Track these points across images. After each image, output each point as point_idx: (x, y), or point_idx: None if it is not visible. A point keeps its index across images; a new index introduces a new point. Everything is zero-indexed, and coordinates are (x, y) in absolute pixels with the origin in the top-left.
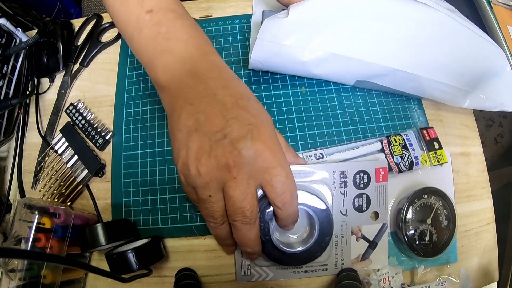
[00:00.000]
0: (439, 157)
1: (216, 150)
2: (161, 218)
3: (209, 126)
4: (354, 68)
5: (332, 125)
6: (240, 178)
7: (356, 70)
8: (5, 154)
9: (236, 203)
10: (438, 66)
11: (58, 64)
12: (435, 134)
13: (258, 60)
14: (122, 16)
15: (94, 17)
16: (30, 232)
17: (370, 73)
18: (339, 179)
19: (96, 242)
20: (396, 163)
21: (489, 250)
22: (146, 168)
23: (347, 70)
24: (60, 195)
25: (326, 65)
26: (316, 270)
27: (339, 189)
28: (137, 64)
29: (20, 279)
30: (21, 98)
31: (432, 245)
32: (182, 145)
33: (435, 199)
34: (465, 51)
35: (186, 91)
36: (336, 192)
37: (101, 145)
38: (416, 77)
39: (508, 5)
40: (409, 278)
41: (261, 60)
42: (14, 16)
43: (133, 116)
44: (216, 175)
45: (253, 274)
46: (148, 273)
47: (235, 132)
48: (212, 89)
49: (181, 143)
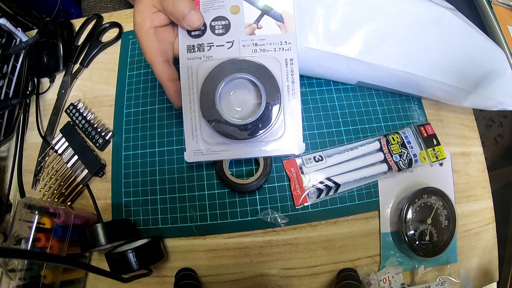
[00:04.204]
0: (438, 153)
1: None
2: (161, 218)
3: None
4: (356, 69)
5: (332, 125)
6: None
7: (358, 71)
8: (5, 154)
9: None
10: (439, 66)
11: (58, 64)
12: (432, 130)
13: None
14: None
15: (94, 17)
16: (30, 232)
17: (372, 74)
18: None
19: (96, 242)
20: (395, 162)
21: (489, 250)
22: (146, 168)
23: (349, 70)
24: (60, 195)
25: (327, 65)
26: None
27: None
28: (137, 64)
29: (20, 279)
30: (21, 98)
31: (432, 245)
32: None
33: (435, 199)
34: (465, 50)
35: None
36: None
37: (101, 145)
38: (418, 77)
39: (508, 5)
40: (409, 278)
41: None
42: (14, 16)
43: (133, 116)
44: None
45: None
46: (148, 273)
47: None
48: None
49: None
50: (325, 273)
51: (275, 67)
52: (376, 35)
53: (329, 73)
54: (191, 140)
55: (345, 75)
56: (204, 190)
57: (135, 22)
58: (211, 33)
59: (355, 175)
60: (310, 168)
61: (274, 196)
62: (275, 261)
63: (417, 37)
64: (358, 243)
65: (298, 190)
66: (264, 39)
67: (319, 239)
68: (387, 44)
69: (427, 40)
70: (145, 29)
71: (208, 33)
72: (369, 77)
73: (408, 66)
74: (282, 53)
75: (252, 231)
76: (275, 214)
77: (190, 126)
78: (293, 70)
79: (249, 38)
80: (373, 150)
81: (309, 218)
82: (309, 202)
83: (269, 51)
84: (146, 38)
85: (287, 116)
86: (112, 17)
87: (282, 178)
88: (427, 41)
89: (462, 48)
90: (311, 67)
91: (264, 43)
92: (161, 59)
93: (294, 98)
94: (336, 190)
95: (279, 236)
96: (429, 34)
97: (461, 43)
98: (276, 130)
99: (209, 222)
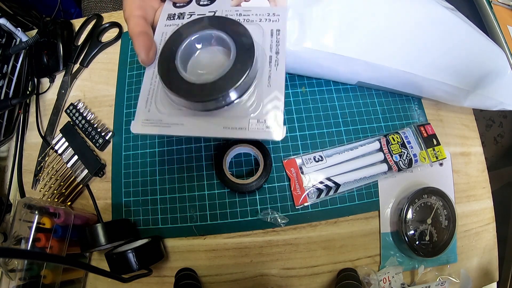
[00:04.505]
0: (438, 153)
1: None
2: (161, 218)
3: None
4: (356, 69)
5: (332, 125)
6: None
7: (358, 71)
8: (5, 154)
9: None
10: (439, 66)
11: (58, 64)
12: (432, 130)
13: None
14: None
15: (94, 17)
16: (30, 232)
17: (372, 74)
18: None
19: (96, 242)
20: (395, 162)
21: (489, 250)
22: (146, 168)
23: (349, 71)
24: (60, 195)
25: (327, 65)
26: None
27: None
28: (137, 64)
29: (20, 279)
30: (21, 98)
31: (432, 245)
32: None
33: (435, 199)
34: (466, 50)
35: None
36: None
37: (101, 145)
38: (418, 77)
39: (508, 5)
40: (409, 278)
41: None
42: (14, 16)
43: (133, 116)
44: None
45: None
46: (148, 273)
47: None
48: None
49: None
50: (325, 273)
51: (258, 35)
52: (376, 34)
53: (329, 73)
54: (144, 107)
55: (345, 75)
56: (204, 190)
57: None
58: (196, 4)
59: (355, 175)
60: (310, 168)
61: (274, 196)
62: (275, 261)
63: (417, 36)
64: (358, 243)
65: (298, 190)
66: (249, 10)
67: (319, 239)
68: (387, 44)
69: (427, 40)
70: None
71: (193, 4)
72: (369, 77)
73: (408, 66)
74: (268, 23)
75: (252, 231)
76: (275, 214)
77: (147, 92)
78: (278, 41)
79: (234, 9)
80: (373, 150)
81: (309, 218)
82: (309, 202)
83: (253, 21)
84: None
85: (265, 90)
86: (112, 17)
87: (282, 178)
88: (427, 41)
89: (462, 48)
90: (311, 67)
91: (249, 14)
92: (138, 13)
93: (277, 71)
94: (336, 190)
95: (279, 236)
96: (429, 34)
97: (461, 43)
98: (246, 105)
99: (209, 222)
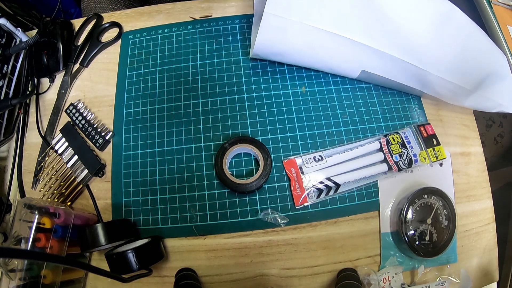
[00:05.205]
0: (438, 153)
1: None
2: (161, 218)
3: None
4: (360, 55)
5: (332, 125)
6: None
7: (361, 57)
8: (5, 154)
9: None
10: (444, 62)
11: (58, 64)
12: (432, 130)
13: (263, 43)
14: None
15: (94, 17)
16: (30, 232)
17: (375, 63)
18: None
19: (96, 242)
20: (395, 162)
21: (489, 250)
22: (146, 168)
23: (353, 56)
24: (60, 195)
25: (333, 46)
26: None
27: None
28: (137, 64)
29: (20, 279)
30: (21, 98)
31: (432, 245)
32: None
33: (435, 199)
34: (470, 48)
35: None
36: None
37: (101, 145)
38: (422, 71)
39: (508, 5)
40: (409, 278)
41: (266, 42)
42: (14, 16)
43: (133, 116)
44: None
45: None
46: (148, 273)
47: None
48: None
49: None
50: (325, 273)
51: None
52: (384, 23)
53: (332, 59)
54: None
55: (349, 62)
56: (204, 190)
57: None
58: None
59: (355, 175)
60: (310, 168)
61: (274, 196)
62: (275, 261)
63: (424, 30)
64: (358, 243)
65: (298, 190)
66: None
67: (319, 239)
68: (394, 33)
69: (434, 34)
70: None
71: None
72: (372, 66)
73: (414, 58)
74: None
75: (252, 231)
76: (275, 214)
77: None
78: None
79: None
80: (373, 150)
81: (309, 218)
82: (309, 202)
83: None
84: None
85: None
86: (112, 17)
87: (282, 178)
88: (434, 35)
89: (467, 46)
90: (316, 49)
91: None
92: None
93: None
94: (336, 190)
95: (279, 236)
96: (437, 28)
97: (466, 41)
98: None
99: (209, 222)
